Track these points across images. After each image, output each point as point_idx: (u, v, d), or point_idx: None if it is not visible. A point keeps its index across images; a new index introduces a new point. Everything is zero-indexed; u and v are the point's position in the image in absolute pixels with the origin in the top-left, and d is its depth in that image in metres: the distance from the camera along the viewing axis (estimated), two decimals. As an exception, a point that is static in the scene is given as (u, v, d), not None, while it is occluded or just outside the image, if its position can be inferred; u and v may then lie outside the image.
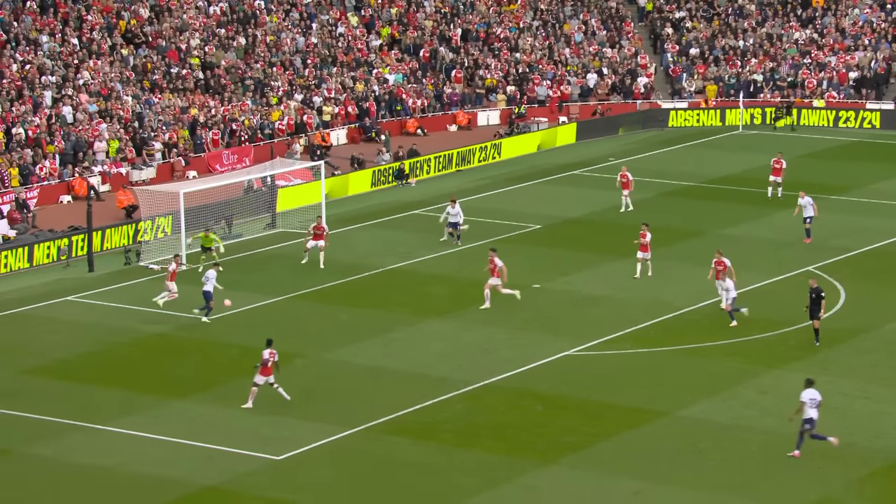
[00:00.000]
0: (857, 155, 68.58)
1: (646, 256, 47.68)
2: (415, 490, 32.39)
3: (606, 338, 42.31)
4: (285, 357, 40.69)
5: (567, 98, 77.49)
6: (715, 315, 44.32)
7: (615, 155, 68.52)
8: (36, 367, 40.66)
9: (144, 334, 43.52)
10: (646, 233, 47.72)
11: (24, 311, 46.18)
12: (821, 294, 40.82)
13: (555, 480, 32.83)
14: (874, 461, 33.68)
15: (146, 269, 50.84)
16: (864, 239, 53.08)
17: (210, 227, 52.14)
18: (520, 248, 52.31)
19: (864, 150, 69.78)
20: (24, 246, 51.21)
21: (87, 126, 63.62)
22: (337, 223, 56.26)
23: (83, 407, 37.24)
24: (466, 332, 43.10)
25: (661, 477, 32.89)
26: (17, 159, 59.81)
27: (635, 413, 36.62)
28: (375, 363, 39.69)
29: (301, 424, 35.91)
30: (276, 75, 73.15)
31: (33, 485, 33.14)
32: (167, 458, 34.21)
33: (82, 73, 67.55)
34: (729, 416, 36.41)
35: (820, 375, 38.90)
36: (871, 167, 65.68)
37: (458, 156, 66.91)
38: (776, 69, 78.74)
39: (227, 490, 32.54)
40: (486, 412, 36.94)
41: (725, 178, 63.84)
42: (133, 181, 61.70)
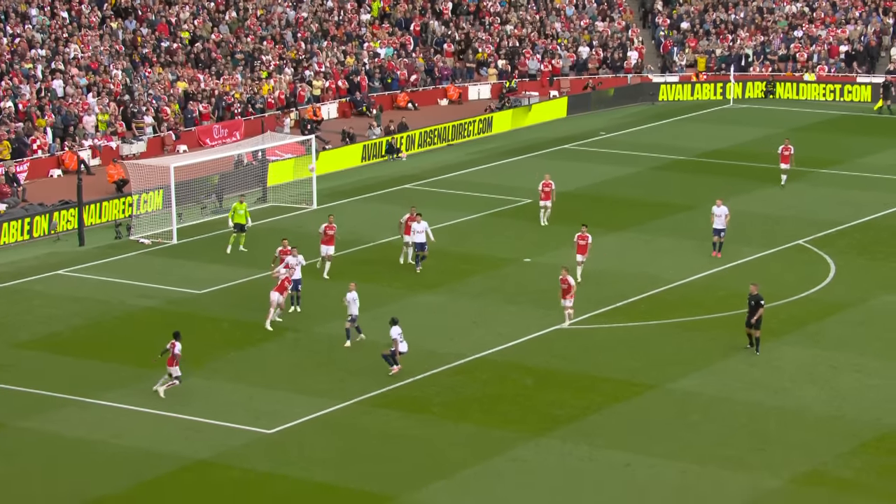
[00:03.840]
0: (847, 128, 68.64)
1: (582, 260, 44.43)
2: (405, 463, 32.49)
3: (597, 311, 42.41)
4: (278, 330, 40.77)
5: (558, 72, 77.43)
6: (705, 289, 44.42)
7: (606, 129, 68.56)
8: (27, 341, 40.68)
9: (135, 308, 43.54)
10: (586, 235, 44.53)
11: (15, 284, 46.16)
12: (760, 301, 38.31)
13: (545, 453, 32.95)
14: (863, 433, 33.83)
15: (137, 242, 50.83)
16: (855, 212, 53.18)
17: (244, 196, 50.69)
18: (511, 222, 52.34)
19: (855, 123, 69.84)
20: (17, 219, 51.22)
21: (78, 100, 63.49)
22: (328, 197, 56.27)
23: (74, 380, 37.29)
24: (457, 306, 43.17)
25: (651, 449, 33.02)
26: (6, 133, 59.68)
27: (625, 386, 36.74)
28: (366, 337, 39.75)
29: (292, 398, 35.99)
30: (266, 49, 73.01)
31: (25, 458, 33.20)
32: (159, 431, 34.27)
33: (71, 46, 67.39)
34: (718, 388, 36.54)
35: (808, 348, 39.16)
36: (861, 141, 65.75)
37: (449, 130, 66.86)
38: (767, 43, 78.72)
39: (218, 463, 32.62)
40: (476, 385, 37.04)
41: (716, 151, 63.89)
42: (123, 155, 61.62)
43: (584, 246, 44.37)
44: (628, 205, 50.73)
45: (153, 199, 53.70)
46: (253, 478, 31.81)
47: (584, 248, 44.35)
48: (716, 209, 47.04)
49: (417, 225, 45.86)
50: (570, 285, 40.15)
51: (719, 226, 46.91)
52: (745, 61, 77.77)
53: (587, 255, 44.44)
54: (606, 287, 44.43)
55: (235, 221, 49.18)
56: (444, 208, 54.12)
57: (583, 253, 44.37)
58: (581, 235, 44.48)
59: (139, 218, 52.71)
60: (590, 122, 70.37)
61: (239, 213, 49.22)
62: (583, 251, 44.38)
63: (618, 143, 65.94)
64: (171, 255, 49.31)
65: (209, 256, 48.88)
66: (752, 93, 75.78)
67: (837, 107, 73.52)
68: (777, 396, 35.97)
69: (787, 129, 67.90)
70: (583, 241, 44.37)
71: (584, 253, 44.36)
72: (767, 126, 69.06)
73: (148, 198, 53.66)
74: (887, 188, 57.10)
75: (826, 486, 31.20)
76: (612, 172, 59.49)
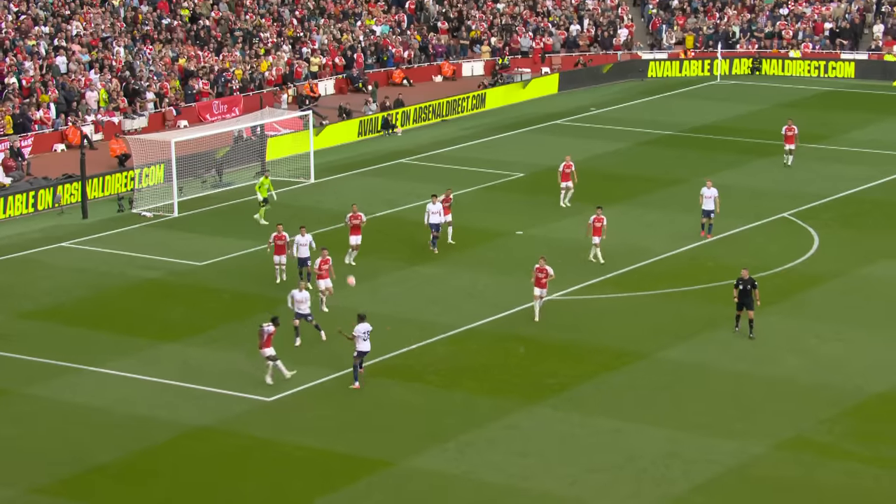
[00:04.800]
0: (831, 104, 68.65)
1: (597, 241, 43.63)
2: (401, 430, 32.57)
3: (587, 283, 42.47)
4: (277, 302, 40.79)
5: (550, 49, 77.31)
6: (692, 261, 44.50)
7: (597, 105, 68.52)
8: (32, 311, 40.72)
9: (137, 279, 43.56)
10: (601, 217, 43.69)
11: (20, 256, 46.18)
12: (754, 284, 37.44)
13: (537, 420, 33.05)
14: (845, 401, 33.96)
15: (139, 216, 50.83)
16: (839, 186, 53.23)
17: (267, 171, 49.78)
18: (503, 195, 52.37)
19: (839, 99, 69.85)
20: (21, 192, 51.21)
21: (80, 76, 63.36)
22: (325, 171, 56.25)
23: (78, 349, 37.34)
24: (452, 278, 43.22)
25: (639, 416, 33.13)
26: (11, 108, 59.56)
27: (615, 355, 36.83)
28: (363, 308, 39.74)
29: (291, 367, 36.04)
30: (265, 27, 72.85)
31: (30, 423, 33.28)
32: (161, 398, 34.36)
33: (74, 24, 67.20)
34: (706, 357, 36.64)
35: (793, 318, 39.25)
36: (845, 116, 65.77)
37: (443, 105, 66.80)
38: (754, 20, 78.64)
39: (220, 430, 32.70)
40: (470, 355, 37.12)
41: (703, 127, 63.90)
42: (125, 130, 61.53)
43: (599, 228, 43.30)
44: (618, 179, 50.75)
45: (155, 173, 53.67)
46: (253, 444, 31.91)
47: (600, 230, 43.30)
48: (705, 191, 46.08)
49: (433, 206, 44.93)
50: (548, 274, 38.66)
51: (709, 207, 46.07)
52: (731, 39, 77.70)
53: (603, 236, 43.44)
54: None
55: (263, 196, 49.08)
56: (439, 182, 54.06)
57: (599, 234, 43.36)
58: (597, 217, 43.46)
59: (141, 191, 52.69)
60: (580, 98, 70.33)
61: (264, 187, 49.13)
62: (598, 233, 43.32)
63: (608, 118, 65.94)
64: (172, 228, 49.31)
65: (209, 229, 48.89)
66: (739, 69, 75.73)
67: (822, 83, 73.50)
68: (762, 365, 36.09)
69: (772, 105, 67.94)
70: (598, 224, 43.35)
71: (599, 234, 43.36)
72: (754, 102, 69.09)
73: (149, 172, 53.63)
74: (870, 162, 57.15)
75: (809, 451, 31.34)
76: (602, 147, 59.50)
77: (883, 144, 60.03)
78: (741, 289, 37.45)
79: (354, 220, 43.77)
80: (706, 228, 46.43)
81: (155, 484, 30.26)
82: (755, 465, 30.65)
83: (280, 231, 42.08)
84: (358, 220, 43.73)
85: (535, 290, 38.93)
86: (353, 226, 43.81)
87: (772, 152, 58.32)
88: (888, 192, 52.79)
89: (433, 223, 44.88)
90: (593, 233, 43.57)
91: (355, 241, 43.78)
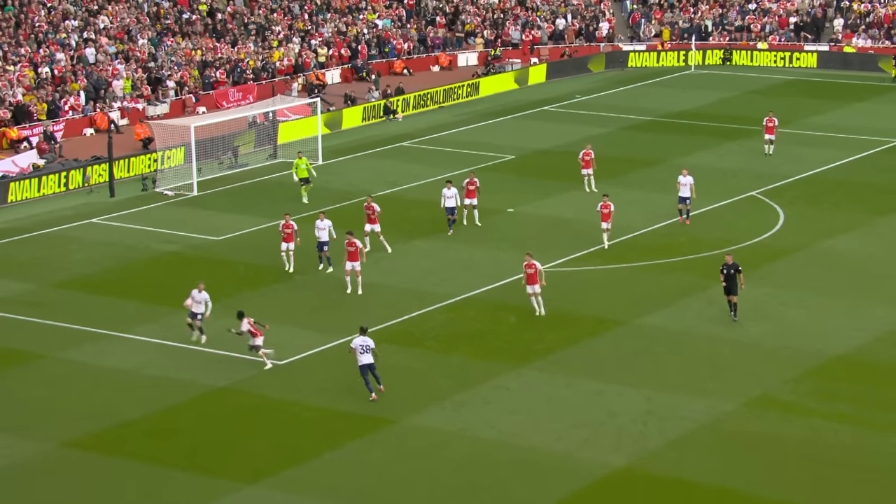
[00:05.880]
0: (796, 92, 68.52)
1: (607, 227, 42.51)
2: (403, 390, 32.59)
3: (572, 256, 42.45)
4: (287, 274, 40.77)
5: (538, 41, 77.07)
6: (668, 236, 44.48)
7: (582, 92, 68.38)
8: (65, 281, 40.71)
9: (160, 252, 43.52)
10: (608, 203, 42.49)
11: (53, 231, 46.13)
12: (738, 269, 36.12)
13: (526, 382, 33.07)
14: (807, 362, 34.00)
15: (161, 194, 50.75)
16: (802, 167, 53.17)
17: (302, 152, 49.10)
18: (496, 176, 52.31)
19: (802, 87, 69.72)
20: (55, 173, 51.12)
21: (107, 66, 63.16)
22: (332, 154, 56.15)
23: (107, 316, 37.33)
24: (449, 252, 43.18)
25: (619, 378, 33.16)
26: (44, 96, 59.41)
27: (598, 322, 36.83)
28: (367, 279, 39.79)
29: (301, 333, 36.08)
30: (276, 20, 72.61)
31: (64, 384, 33.32)
32: (182, 362, 34.36)
33: (102, 18, 66.96)
34: (682, 324, 36.65)
35: (760, 287, 39.25)
36: (808, 103, 65.66)
37: (440, 93, 66.65)
38: (725, 15, 78.41)
39: (236, 390, 32.73)
40: (465, 322, 37.11)
41: (679, 113, 63.78)
42: (149, 116, 61.38)
43: (607, 214, 42.20)
44: (601, 160, 50.60)
45: (176, 155, 53.57)
46: (266, 403, 31.94)
47: (608, 216, 42.21)
48: (682, 178, 44.78)
49: (448, 191, 43.97)
50: (537, 269, 36.67)
51: (685, 194, 44.62)
52: (705, 31, 77.51)
53: (610, 222, 42.33)
54: (582, 234, 44.44)
55: (300, 176, 48.53)
56: (436, 164, 54.06)
57: (607, 220, 42.25)
58: (604, 204, 42.26)
59: (163, 172, 52.61)
60: (567, 87, 70.15)
61: (301, 167, 48.73)
62: (607, 218, 42.25)
63: (592, 105, 65.80)
64: (192, 206, 49.26)
65: (226, 206, 48.83)
66: (712, 60, 75.55)
67: (787, 72, 73.35)
68: (732, 330, 36.11)
69: (742, 92, 67.80)
70: (606, 210, 42.21)
71: (608, 220, 42.26)
72: (725, 90, 68.96)
73: (171, 154, 53.53)
74: (830, 145, 57.08)
75: (774, 408, 31.39)
76: (586, 132, 59.39)
77: (842, 129, 59.96)
78: (726, 273, 36.30)
79: (368, 211, 42.48)
80: (684, 214, 45.15)
81: (177, 439, 30.31)
82: (725, 422, 30.70)
83: (287, 220, 40.99)
84: (371, 212, 42.35)
85: (528, 288, 36.78)
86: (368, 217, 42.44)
87: (741, 136, 58.26)
88: (847, 173, 52.75)
89: (448, 207, 44.03)
90: (602, 219, 42.49)
91: (372, 228, 42.41)
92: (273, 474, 28.42)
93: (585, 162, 49.27)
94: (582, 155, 49.63)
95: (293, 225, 41.01)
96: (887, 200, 48.42)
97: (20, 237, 45.51)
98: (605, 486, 27.92)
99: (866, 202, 48.24)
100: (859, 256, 42.27)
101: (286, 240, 40.98)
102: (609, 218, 42.53)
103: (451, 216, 44.29)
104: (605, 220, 42.61)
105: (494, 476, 28.31)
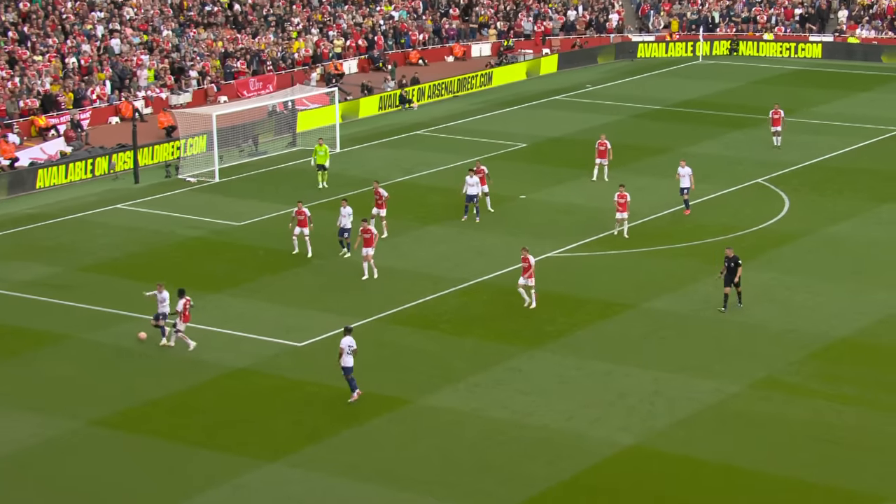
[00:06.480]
0: (801, 82, 68.26)
1: (624, 216, 42.23)
2: (418, 371, 32.63)
3: (583, 241, 42.39)
4: (306, 258, 40.82)
5: (549, 32, 76.87)
6: (675, 222, 44.37)
7: (592, 82, 68.21)
8: (91, 265, 40.79)
9: (183, 237, 43.58)
10: (624, 193, 42.21)
11: (80, 216, 46.22)
12: (738, 262, 35.58)
13: (538, 363, 33.06)
14: (812, 345, 33.93)
15: (184, 181, 50.80)
16: (807, 155, 52.99)
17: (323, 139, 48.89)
18: (508, 164, 52.24)
19: (808, 77, 69.44)
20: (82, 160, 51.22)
21: (132, 56, 63.18)
22: (349, 142, 56.13)
23: (131, 299, 37.35)
24: (462, 237, 43.14)
25: (629, 360, 33.14)
26: (71, 85, 59.48)
27: (607, 305, 36.79)
28: (383, 263, 39.80)
29: (319, 315, 36.11)
30: (295, 12, 72.52)
31: (89, 363, 33.42)
32: (204, 343, 34.41)
33: (127, 9, 66.97)
34: (688, 307, 36.58)
35: (767, 272, 39.17)
36: (813, 92, 65.40)
37: (454, 83, 66.53)
38: (732, 6, 78.08)
39: (255, 371, 32.79)
40: (479, 305, 37.09)
41: (687, 102, 63.58)
42: (172, 105, 61.40)
43: (623, 204, 41.89)
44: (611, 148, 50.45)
45: (198, 143, 53.60)
46: (284, 383, 31.99)
47: (625, 206, 41.93)
48: (681, 170, 44.33)
49: (470, 178, 43.81)
50: (531, 264, 36.33)
51: (685, 185, 44.20)
52: (712, 23, 77.20)
53: (627, 211, 42.06)
54: (592, 220, 44.37)
55: (318, 162, 48.56)
56: (451, 152, 54.01)
57: (623, 210, 41.95)
58: (620, 195, 41.93)
59: (186, 159, 52.65)
60: (577, 77, 69.97)
61: (320, 153, 48.76)
62: (623, 208, 41.98)
63: (602, 94, 65.63)
64: (214, 192, 49.30)
65: (247, 193, 48.86)
66: (719, 50, 75.25)
67: (792, 62, 73.06)
68: (739, 314, 36.04)
69: (748, 82, 67.56)
70: (622, 200, 41.86)
71: (624, 210, 41.95)
72: (732, 80, 68.71)
73: (193, 142, 53.56)
74: (834, 133, 56.87)
75: (779, 390, 31.34)
76: (596, 120, 59.27)
77: (846, 117, 59.71)
78: (727, 266, 35.83)
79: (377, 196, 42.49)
80: (683, 204, 44.70)
81: (200, 416, 30.40)
82: (731, 403, 30.67)
83: (300, 206, 40.88)
84: (379, 197, 42.34)
85: (618, 214, 40.64)
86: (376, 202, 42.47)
87: (748, 124, 58.08)
88: (851, 161, 52.55)
89: (470, 194, 43.77)
90: (618, 209, 42.15)
91: (379, 212, 42.48)
92: (293, 452, 28.48)
93: (599, 151, 49.03)
94: (597, 144, 49.43)
95: (306, 211, 40.94)
96: (890, 187, 48.25)
97: (48, 222, 45.61)
98: (614, 463, 27.93)
99: (870, 189, 48.08)
100: (863, 242, 42.14)
101: (300, 224, 40.88)
102: (626, 208, 42.18)
103: (469, 203, 44.08)
104: (621, 210, 42.22)
105: (507, 454, 28.33)
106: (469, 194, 44.01)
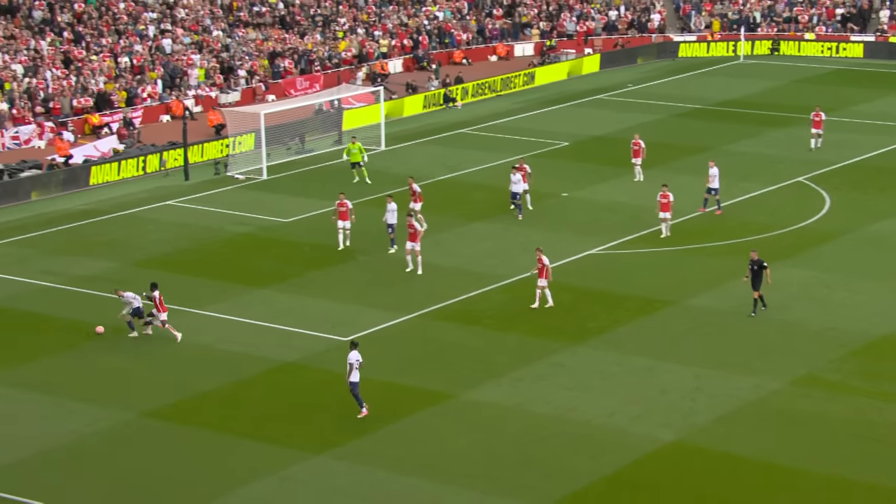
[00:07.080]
0: (842, 81, 67.66)
1: (667, 216, 41.65)
2: (461, 367, 32.62)
3: (624, 239, 42.23)
4: (351, 254, 40.87)
5: (592, 32, 76.61)
6: (716, 220, 44.10)
7: (633, 82, 67.92)
8: (144, 260, 41.05)
9: (232, 234, 43.78)
10: (667, 193, 41.56)
11: (132, 213, 46.53)
12: (763, 265, 34.88)
13: (581, 359, 32.98)
14: (853, 343, 33.64)
15: (233, 178, 51.03)
16: (848, 153, 52.53)
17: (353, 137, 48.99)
18: (551, 162, 52.12)
19: (849, 76, 68.82)
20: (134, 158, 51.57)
21: (183, 56, 63.55)
22: (394, 140, 56.19)
23: (183, 294, 37.60)
24: (507, 234, 43.09)
25: (670, 356, 32.99)
26: (124, 84, 59.90)
27: (649, 302, 36.64)
28: (427, 259, 39.81)
29: (364, 311, 36.17)
30: (342, 13, 72.67)
31: (143, 355, 33.64)
32: (253, 338, 34.57)
33: (178, 10, 67.34)
34: (729, 304, 36.36)
35: (807, 270, 38.87)
36: (853, 92, 64.81)
37: (497, 82, 66.44)
38: (773, 6, 77.50)
39: (302, 365, 32.90)
40: (522, 301, 37.01)
41: (728, 101, 63.18)
42: (221, 103, 61.69)
43: (666, 204, 41.30)
44: (652, 147, 50.22)
45: (246, 141, 53.82)
46: (331, 378, 32.05)
47: (668, 206, 41.31)
48: (711, 170, 43.72)
49: (514, 176, 43.73)
50: (545, 265, 35.85)
51: (714, 185, 43.53)
52: (753, 22, 76.66)
53: (670, 212, 41.51)
54: (634, 218, 44.20)
55: (352, 161, 48.69)
56: (494, 150, 53.95)
57: (666, 210, 41.34)
58: (663, 194, 41.38)
59: (234, 157, 52.87)
60: (619, 76, 69.69)
61: (353, 152, 48.90)
62: (666, 209, 41.37)
63: (643, 93, 65.33)
64: (262, 189, 49.50)
65: (294, 190, 49.02)
66: (760, 50, 74.72)
67: (833, 62, 72.43)
68: (779, 311, 35.78)
69: (789, 82, 67.06)
70: (665, 200, 41.29)
71: (667, 210, 41.33)
72: (773, 79, 68.21)
73: (242, 140, 53.78)
74: (876, 132, 56.33)
75: (820, 387, 31.10)
76: (638, 119, 59.01)
77: (888, 116, 59.12)
78: (752, 269, 35.28)
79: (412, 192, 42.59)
80: (716, 204, 44.09)
81: (248, 408, 30.53)
82: (772, 400, 30.46)
83: (342, 199, 41.06)
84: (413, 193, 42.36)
85: (661, 213, 40.58)
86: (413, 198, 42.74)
87: (788, 123, 57.63)
88: (893, 159, 52.03)
89: (514, 191, 43.72)
90: (661, 209, 41.69)
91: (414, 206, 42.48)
92: (338, 445, 28.56)
93: (634, 151, 48.77)
94: (631, 144, 49.20)
95: (348, 204, 41.05)
96: (931, 186, 47.75)
97: (101, 218, 45.95)
98: (656, 459, 27.81)
99: (910, 188, 47.61)
100: (903, 241, 41.75)
101: (341, 217, 40.97)
102: (668, 208, 41.67)
103: (514, 200, 44.03)
104: (664, 210, 41.73)
105: (550, 449, 28.28)
106: (513, 191, 44.02)
